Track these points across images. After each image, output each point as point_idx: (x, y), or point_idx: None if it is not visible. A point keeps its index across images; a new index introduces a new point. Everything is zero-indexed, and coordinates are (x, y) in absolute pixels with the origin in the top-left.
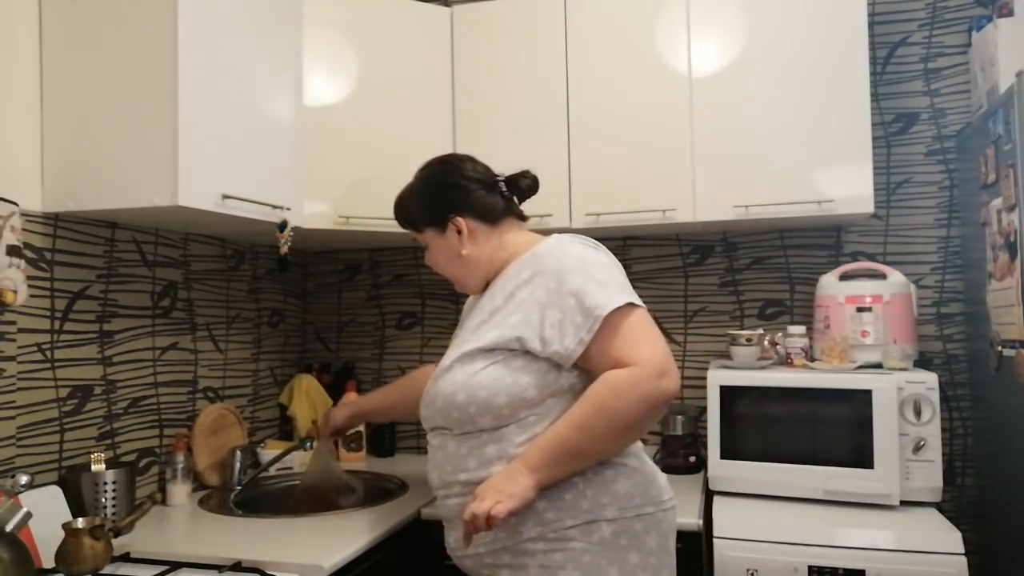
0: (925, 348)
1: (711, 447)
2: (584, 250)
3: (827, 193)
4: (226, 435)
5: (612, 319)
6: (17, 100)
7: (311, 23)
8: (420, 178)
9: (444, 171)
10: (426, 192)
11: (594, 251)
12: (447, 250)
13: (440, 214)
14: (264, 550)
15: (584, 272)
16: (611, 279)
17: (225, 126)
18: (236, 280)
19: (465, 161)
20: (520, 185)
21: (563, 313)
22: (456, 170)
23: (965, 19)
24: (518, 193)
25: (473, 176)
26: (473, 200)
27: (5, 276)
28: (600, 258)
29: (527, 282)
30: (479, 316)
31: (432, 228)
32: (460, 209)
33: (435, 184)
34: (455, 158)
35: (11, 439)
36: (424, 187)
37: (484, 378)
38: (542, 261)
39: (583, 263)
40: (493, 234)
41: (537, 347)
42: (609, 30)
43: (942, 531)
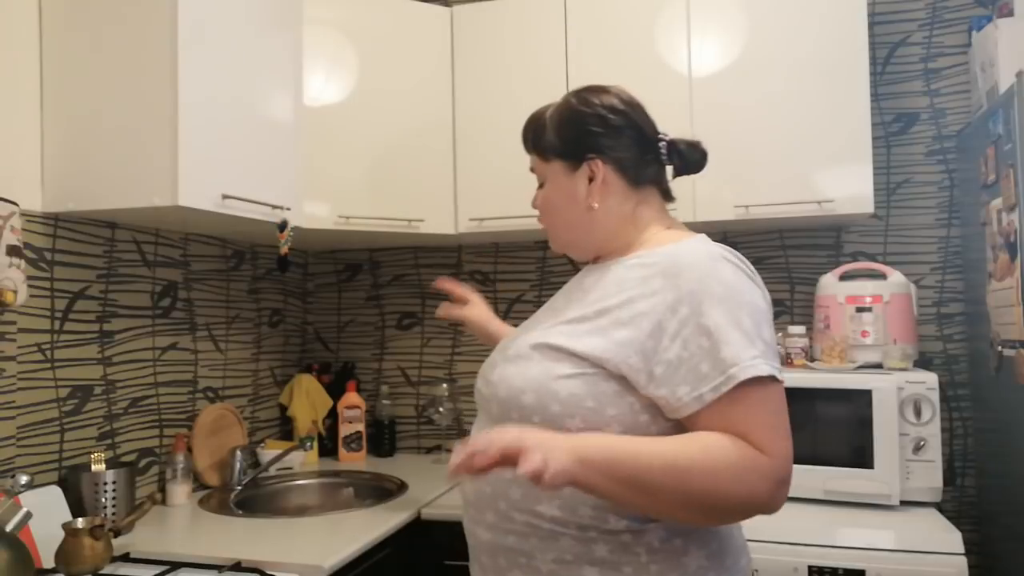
0: (925, 348)
1: None
2: (738, 277)
3: (827, 193)
4: (226, 435)
5: (748, 387)
6: (17, 100)
7: (311, 23)
8: (571, 100)
9: (604, 103)
10: (572, 116)
11: (749, 282)
12: (570, 195)
13: (579, 147)
14: (264, 550)
15: (731, 311)
16: (760, 332)
17: (225, 126)
18: (236, 280)
19: (634, 104)
20: (684, 154)
21: (688, 352)
22: (619, 107)
23: (965, 19)
24: (677, 163)
25: (635, 121)
26: (623, 148)
27: (5, 276)
28: (755, 296)
29: (654, 293)
30: (581, 305)
31: (563, 161)
32: (604, 152)
33: (586, 113)
34: (624, 94)
35: (11, 439)
36: (571, 111)
37: (563, 390)
38: (681, 273)
39: (734, 298)
40: (630, 198)
41: (641, 381)
42: (609, 30)
43: (942, 531)
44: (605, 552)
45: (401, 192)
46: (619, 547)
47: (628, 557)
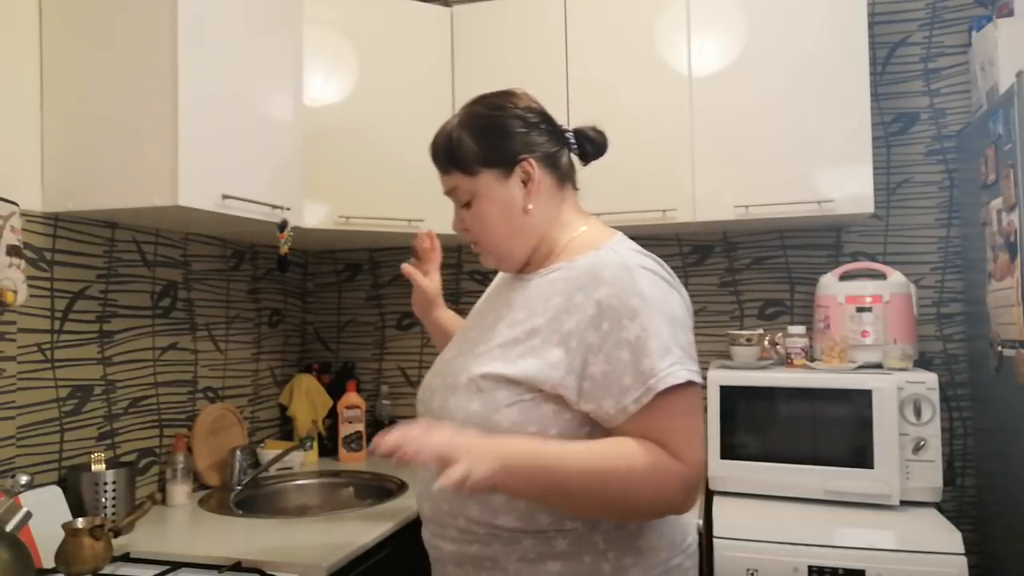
0: (925, 348)
1: (711, 447)
2: (655, 286)
3: (827, 193)
4: (226, 435)
5: (666, 395)
6: (17, 100)
7: (311, 23)
8: (479, 109)
9: (518, 104)
10: (492, 122)
11: (667, 289)
12: (507, 202)
13: (509, 151)
14: (264, 550)
15: (649, 322)
16: (676, 338)
17: (225, 126)
18: (236, 280)
19: (524, 94)
20: (592, 139)
21: (611, 366)
22: (533, 105)
23: (965, 19)
24: (583, 152)
25: (548, 116)
26: (546, 144)
27: (5, 276)
28: (672, 304)
29: (577, 308)
30: (511, 325)
31: (493, 169)
32: (533, 149)
33: (504, 116)
34: (514, 89)
35: (11, 439)
36: (488, 117)
37: (505, 420)
38: (600, 287)
39: (651, 309)
40: (555, 197)
41: (572, 398)
42: (609, 30)
43: (942, 531)
44: (565, 546)
45: (401, 192)
46: (577, 539)
47: (586, 547)
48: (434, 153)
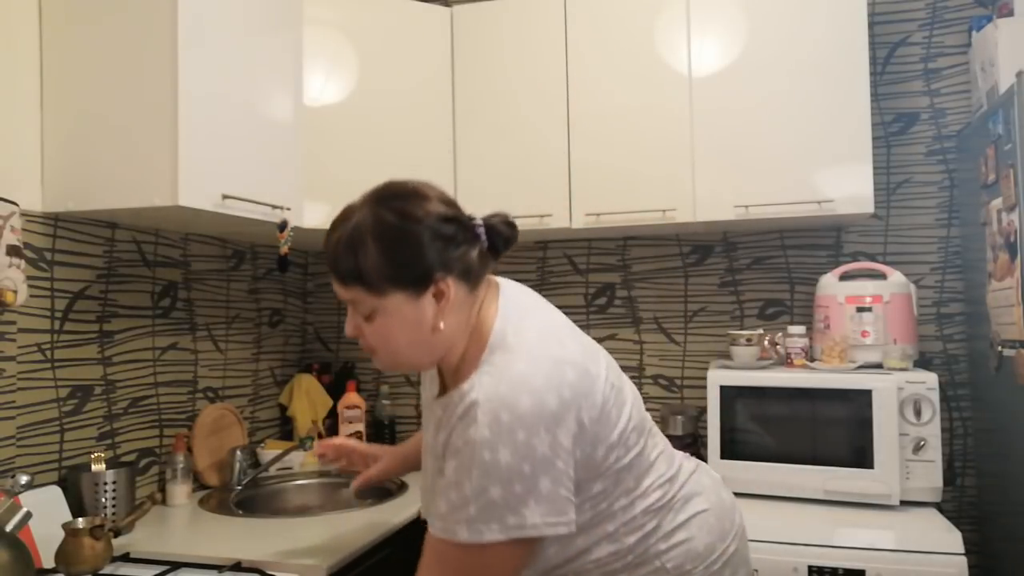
0: (925, 348)
1: (711, 447)
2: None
3: (827, 193)
4: (226, 435)
5: (441, 542)
6: (17, 100)
7: (311, 23)
8: (388, 217)
9: (431, 212)
10: (404, 237)
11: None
12: (415, 321)
13: (422, 271)
14: (264, 550)
15: (481, 477)
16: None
17: (225, 126)
18: (236, 280)
19: (437, 196)
20: (501, 234)
21: (445, 481)
22: (446, 213)
23: (965, 19)
24: (494, 247)
25: (461, 221)
26: (461, 254)
27: (5, 276)
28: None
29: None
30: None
31: (403, 291)
32: (449, 266)
33: (419, 229)
34: (425, 189)
35: (11, 439)
36: (401, 231)
37: None
38: (469, 428)
39: (493, 468)
40: (468, 303)
41: None
42: (609, 30)
43: (942, 531)
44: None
45: None
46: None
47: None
48: (332, 261)
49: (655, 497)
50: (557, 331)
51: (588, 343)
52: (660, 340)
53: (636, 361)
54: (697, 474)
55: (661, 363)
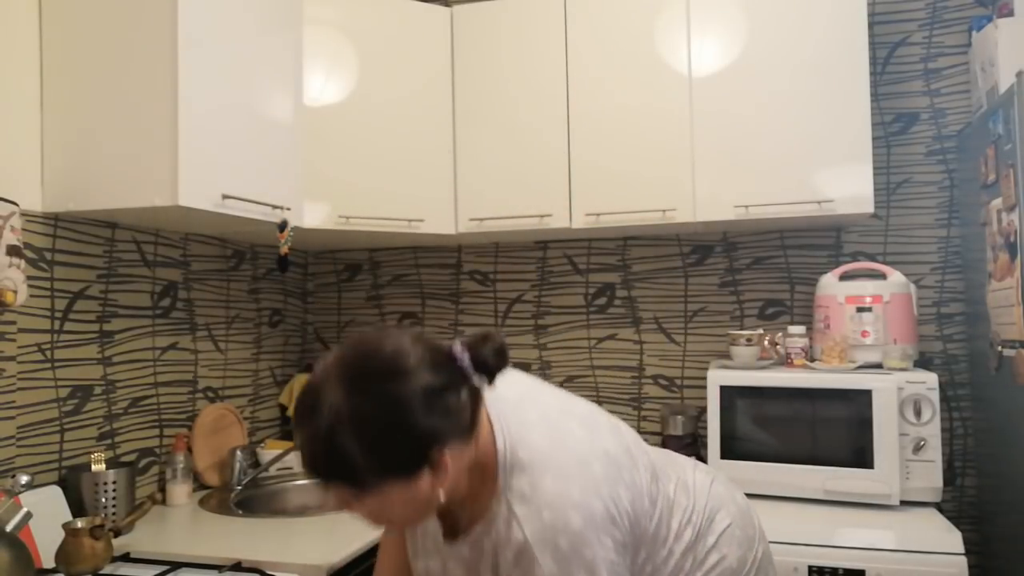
0: (925, 348)
1: (711, 447)
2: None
3: (827, 193)
4: (226, 435)
5: None
6: (17, 100)
7: (311, 23)
8: (359, 403)
9: (417, 385)
10: (386, 426)
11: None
12: (413, 500)
13: (417, 454)
14: (264, 550)
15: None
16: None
17: (225, 126)
18: (236, 280)
19: (419, 359)
20: (488, 361)
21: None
22: (432, 382)
23: (965, 19)
24: (487, 372)
25: (449, 376)
26: (454, 416)
27: (5, 276)
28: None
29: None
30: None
31: (395, 480)
32: (444, 438)
33: (407, 411)
34: (404, 355)
35: (11, 439)
36: (379, 420)
37: None
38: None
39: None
40: (466, 451)
41: None
42: (609, 30)
43: (942, 531)
44: None
45: (401, 192)
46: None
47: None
48: (308, 461)
49: (687, 536)
50: (559, 423)
51: (585, 414)
52: (660, 340)
53: (636, 361)
54: (712, 485)
55: (661, 363)
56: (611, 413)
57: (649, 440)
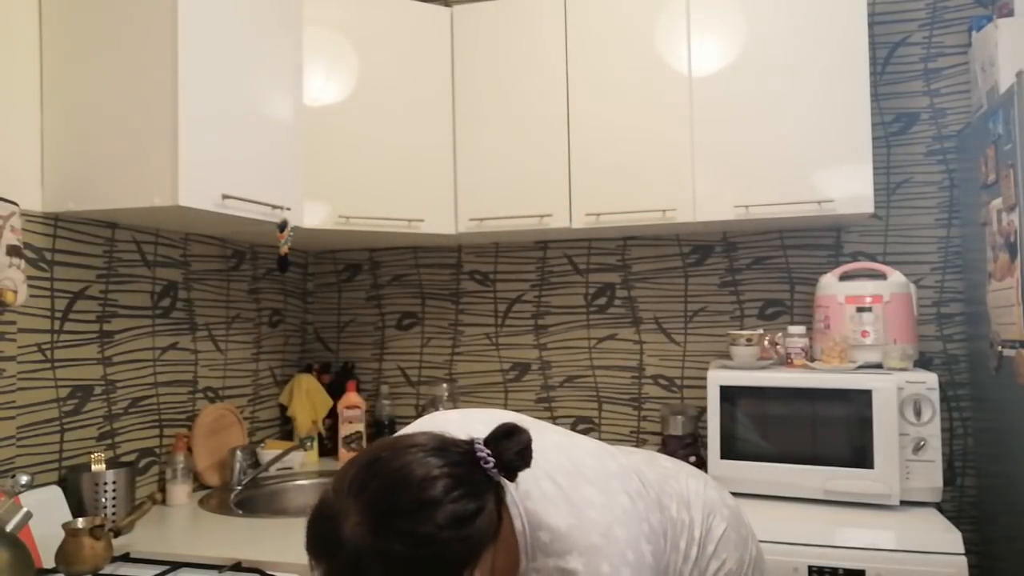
0: (925, 348)
1: (711, 447)
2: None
3: (827, 193)
4: (226, 435)
5: None
6: (17, 99)
7: (311, 23)
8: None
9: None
10: (412, 566)
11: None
12: None
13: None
14: (264, 550)
15: None
16: None
17: (225, 126)
18: (236, 280)
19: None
20: (511, 463)
21: None
22: (446, 512)
23: (965, 19)
24: (507, 471)
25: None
26: (482, 537)
27: (5, 276)
28: None
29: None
30: None
31: None
32: (473, 560)
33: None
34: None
35: (11, 439)
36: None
37: None
38: None
39: None
40: (494, 548)
41: None
42: (609, 30)
43: (942, 531)
44: None
45: (401, 192)
46: None
47: None
48: None
49: (693, 553)
50: (574, 492)
51: (597, 471)
52: (660, 340)
53: (636, 361)
54: (705, 491)
55: (661, 363)
56: (608, 409)
57: (649, 440)
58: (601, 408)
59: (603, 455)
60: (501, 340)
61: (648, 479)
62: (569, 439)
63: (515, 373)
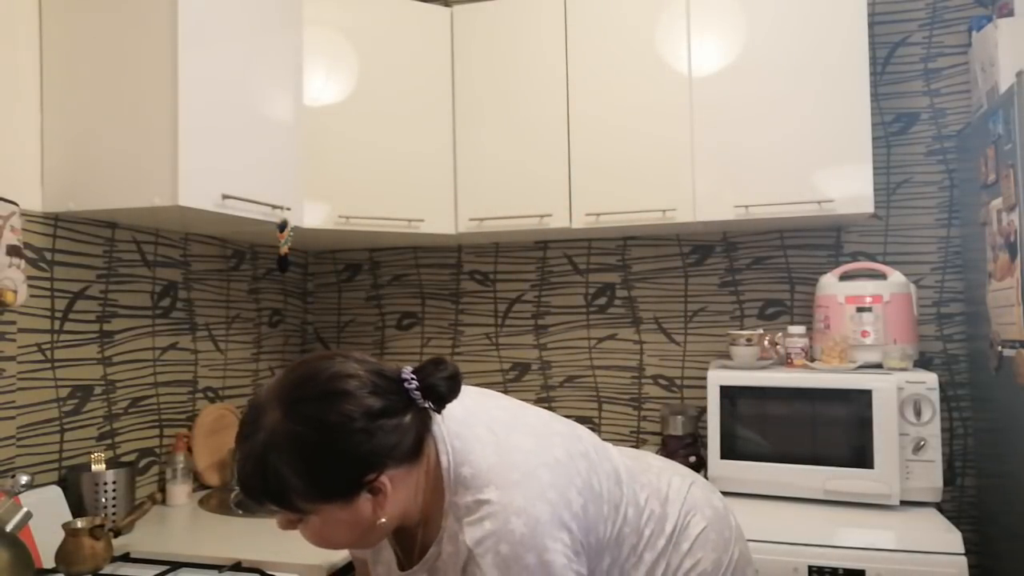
0: (925, 348)
1: (711, 447)
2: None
3: (827, 193)
4: (226, 435)
5: None
6: (17, 100)
7: (311, 23)
8: (293, 427)
9: (339, 411)
10: (321, 451)
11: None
12: (351, 523)
13: (354, 479)
14: (264, 550)
15: None
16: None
17: (225, 126)
18: (236, 280)
19: (359, 381)
20: (438, 387)
21: None
22: (355, 404)
23: (965, 19)
24: (437, 398)
25: (389, 400)
26: (395, 439)
27: (5, 276)
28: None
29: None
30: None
31: (331, 503)
32: (383, 462)
33: (335, 437)
34: (344, 376)
35: (11, 439)
36: (314, 445)
37: None
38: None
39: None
40: (412, 474)
41: None
42: (609, 30)
43: (942, 531)
44: None
45: (401, 192)
46: None
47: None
48: (242, 482)
49: (660, 544)
50: (506, 436)
51: (536, 424)
52: (660, 340)
53: (636, 361)
54: (689, 490)
55: (661, 363)
56: (608, 409)
57: (649, 440)
58: (601, 408)
59: (552, 419)
60: (501, 340)
61: (611, 454)
62: (518, 404)
63: (515, 373)
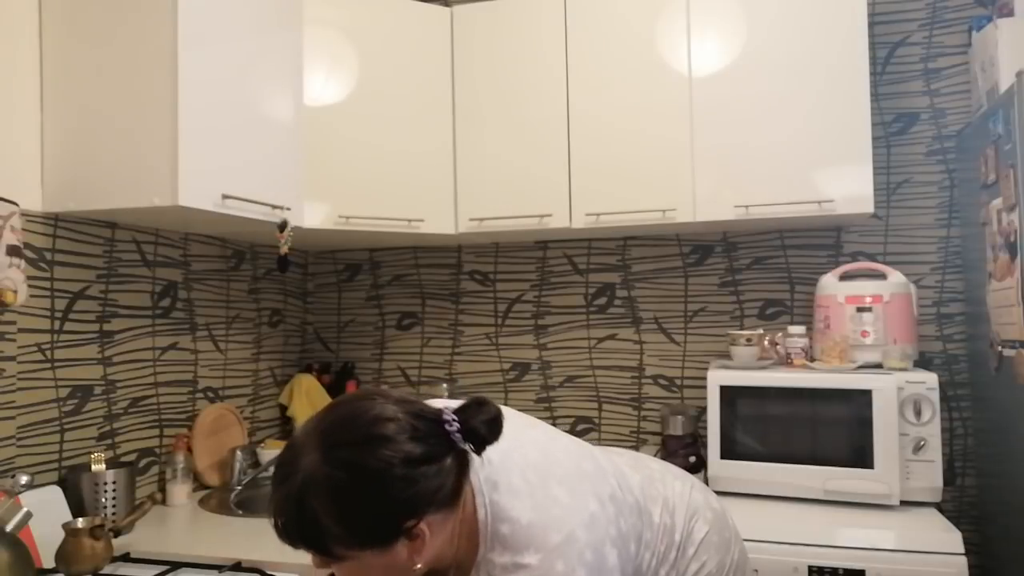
0: (925, 348)
1: (711, 447)
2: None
3: (827, 193)
4: (226, 435)
5: None
6: (17, 100)
7: (311, 23)
8: (332, 472)
9: (378, 457)
10: (360, 497)
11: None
12: (386, 568)
13: (391, 528)
14: (264, 550)
15: None
16: None
17: (225, 126)
18: (236, 280)
19: (398, 426)
20: (479, 431)
21: None
22: (395, 449)
23: (965, 19)
24: (476, 441)
25: (430, 444)
26: (435, 485)
27: (5, 276)
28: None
29: None
30: None
31: (369, 550)
32: (423, 509)
33: (369, 484)
34: (383, 421)
35: (11, 439)
36: (353, 491)
37: None
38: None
39: None
40: (450, 519)
41: None
42: (609, 30)
43: (942, 531)
44: None
45: (401, 192)
46: None
47: None
48: (281, 528)
49: (672, 556)
50: (542, 489)
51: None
52: (660, 340)
53: (636, 361)
54: (690, 493)
55: (661, 363)
56: (608, 409)
57: (649, 440)
58: (601, 408)
59: (580, 456)
60: (501, 340)
61: (630, 483)
62: (549, 437)
63: (515, 373)
